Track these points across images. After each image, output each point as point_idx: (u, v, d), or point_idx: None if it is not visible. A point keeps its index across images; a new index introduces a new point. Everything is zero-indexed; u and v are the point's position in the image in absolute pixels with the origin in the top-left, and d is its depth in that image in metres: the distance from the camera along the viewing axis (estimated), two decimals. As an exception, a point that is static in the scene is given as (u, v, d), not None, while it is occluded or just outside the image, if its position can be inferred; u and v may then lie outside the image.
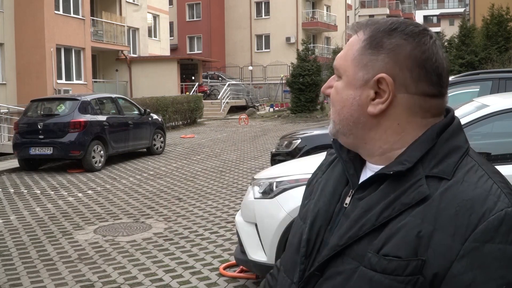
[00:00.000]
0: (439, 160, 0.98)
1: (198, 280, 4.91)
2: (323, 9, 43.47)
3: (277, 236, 4.15)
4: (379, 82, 1.00)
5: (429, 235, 0.91)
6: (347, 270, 0.99)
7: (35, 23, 20.68)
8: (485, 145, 4.41)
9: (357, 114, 1.03)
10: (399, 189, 0.97)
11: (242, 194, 8.38)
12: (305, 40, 27.44)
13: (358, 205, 1.03)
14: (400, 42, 1.00)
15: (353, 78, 1.03)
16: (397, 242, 0.94)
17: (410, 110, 1.01)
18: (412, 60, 0.99)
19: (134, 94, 26.55)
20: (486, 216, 0.89)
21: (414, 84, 0.99)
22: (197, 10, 42.34)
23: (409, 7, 71.85)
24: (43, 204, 8.35)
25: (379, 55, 1.00)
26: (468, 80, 7.74)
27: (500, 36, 21.34)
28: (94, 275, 5.09)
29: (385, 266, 0.94)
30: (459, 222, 0.90)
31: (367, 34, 1.03)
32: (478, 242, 0.88)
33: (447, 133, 1.01)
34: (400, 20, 1.04)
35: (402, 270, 0.92)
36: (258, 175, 4.93)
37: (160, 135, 14.22)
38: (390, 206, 0.97)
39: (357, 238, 0.99)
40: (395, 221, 0.95)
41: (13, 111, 17.12)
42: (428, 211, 0.93)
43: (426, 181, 0.96)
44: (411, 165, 0.98)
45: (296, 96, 25.10)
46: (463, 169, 0.97)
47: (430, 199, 0.94)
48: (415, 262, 0.92)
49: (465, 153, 1.00)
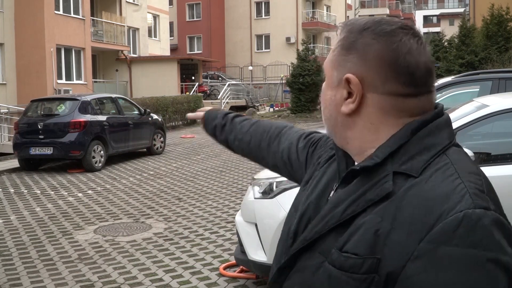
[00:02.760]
0: (410, 157, 0.95)
1: (198, 280, 4.91)
2: (323, 9, 43.46)
3: (277, 236, 4.13)
4: (348, 82, 1.00)
5: (386, 234, 0.89)
6: (313, 265, 1.00)
7: (35, 23, 20.68)
8: (485, 145, 4.40)
9: (335, 114, 1.04)
10: (366, 184, 0.96)
11: (242, 194, 8.39)
12: (305, 40, 27.45)
13: (330, 199, 1.04)
14: (369, 41, 0.99)
15: (330, 79, 1.05)
16: (357, 239, 0.93)
17: (382, 110, 0.99)
18: (379, 59, 0.97)
19: (134, 94, 26.55)
20: (443, 217, 0.85)
21: (382, 84, 0.98)
22: (197, 10, 42.34)
23: (409, 7, 71.84)
24: (43, 204, 8.35)
25: (349, 55, 1.01)
26: (468, 80, 7.74)
27: (500, 36, 21.32)
28: (94, 275, 5.09)
29: (343, 263, 0.93)
30: (416, 222, 0.87)
31: (342, 35, 1.04)
32: (433, 243, 0.84)
33: (425, 131, 0.98)
34: (376, 20, 1.02)
35: (358, 268, 0.91)
36: (258, 175, 4.93)
37: (160, 135, 14.22)
38: (355, 202, 0.96)
39: (324, 233, 0.99)
40: (359, 218, 0.94)
41: (13, 111, 17.11)
42: (388, 209, 0.91)
43: (393, 178, 0.94)
44: (379, 160, 0.96)
45: (296, 96, 25.11)
46: (433, 168, 0.93)
47: (393, 197, 0.92)
48: (371, 261, 0.90)
49: (440, 151, 0.96)
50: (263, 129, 1.58)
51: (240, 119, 1.68)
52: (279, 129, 1.55)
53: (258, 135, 1.58)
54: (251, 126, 1.62)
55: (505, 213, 0.92)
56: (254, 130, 1.60)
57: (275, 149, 1.50)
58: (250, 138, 1.60)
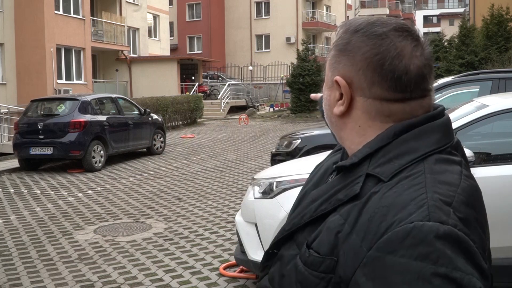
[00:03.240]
0: (386, 160, 0.93)
1: (198, 280, 4.91)
2: (323, 9, 43.45)
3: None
4: (337, 84, 1.00)
5: (345, 237, 0.89)
6: (289, 256, 1.02)
7: (35, 23, 20.68)
8: (485, 145, 4.41)
9: (330, 114, 1.05)
10: (341, 183, 0.97)
11: (242, 194, 8.39)
12: (305, 40, 27.47)
13: (311, 193, 1.06)
14: (359, 44, 0.98)
15: (326, 79, 1.06)
16: (321, 238, 0.94)
17: (368, 113, 0.98)
18: (366, 63, 0.96)
19: (134, 94, 26.56)
20: (393, 227, 0.83)
21: (368, 88, 0.96)
22: (197, 10, 42.34)
23: (409, 7, 71.84)
24: (43, 204, 8.35)
25: (342, 56, 1.00)
26: (468, 80, 7.74)
27: (500, 36, 21.32)
28: (94, 275, 5.09)
29: (306, 259, 0.95)
30: (370, 228, 0.86)
31: (338, 35, 1.04)
32: (380, 252, 0.83)
33: (410, 134, 0.95)
34: (370, 21, 0.99)
35: (317, 266, 0.93)
36: (258, 175, 4.93)
37: (160, 135, 14.22)
38: (328, 200, 0.97)
39: (301, 226, 1.01)
40: (330, 216, 0.95)
41: (13, 111, 17.12)
42: (352, 212, 0.91)
43: (366, 180, 0.93)
44: (356, 160, 0.96)
45: (296, 96, 25.12)
46: (403, 174, 0.91)
47: (358, 200, 0.91)
48: (329, 261, 0.91)
49: (420, 157, 0.92)
50: None
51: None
52: None
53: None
54: None
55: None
56: None
57: None
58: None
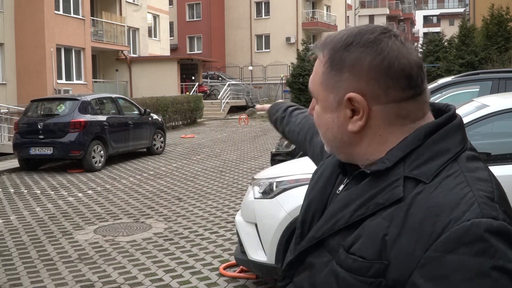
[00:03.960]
0: (422, 162, 0.95)
1: (198, 280, 4.91)
2: (323, 9, 43.46)
3: (277, 236, 4.15)
4: (351, 101, 0.98)
5: (394, 239, 0.89)
6: (321, 263, 1.00)
7: (35, 23, 20.68)
8: (485, 145, 4.41)
9: (339, 135, 1.02)
10: (376, 188, 0.96)
11: (242, 194, 8.39)
12: (305, 40, 27.50)
13: (339, 198, 1.04)
14: (359, 55, 0.97)
15: (326, 102, 1.02)
16: (364, 242, 0.93)
17: (387, 119, 0.98)
18: (375, 71, 0.96)
19: (134, 94, 26.55)
20: (450, 226, 0.85)
21: (385, 94, 0.97)
22: (197, 10, 42.33)
23: (409, 7, 71.83)
24: (43, 204, 8.35)
25: (342, 74, 0.98)
26: (468, 80, 7.73)
27: (500, 36, 21.31)
28: (94, 275, 5.09)
29: (350, 265, 0.94)
30: (424, 229, 0.87)
31: (326, 56, 1.01)
32: (439, 252, 0.84)
33: (438, 135, 0.97)
34: (354, 31, 1.00)
35: (365, 271, 0.91)
36: (258, 175, 4.93)
37: (160, 135, 14.22)
38: (365, 204, 0.96)
39: (332, 233, 1.00)
40: (368, 220, 0.94)
41: (13, 111, 17.12)
42: (397, 214, 0.91)
43: (404, 182, 0.93)
44: (391, 164, 0.96)
45: (296, 96, 25.14)
46: (443, 174, 0.93)
47: (402, 202, 0.92)
48: (378, 265, 0.90)
49: (453, 157, 0.95)
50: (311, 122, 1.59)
51: (297, 112, 1.77)
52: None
53: (305, 127, 1.64)
54: (303, 119, 1.70)
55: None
56: (304, 122, 1.68)
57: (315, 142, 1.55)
58: (299, 130, 1.68)
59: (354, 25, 5.02)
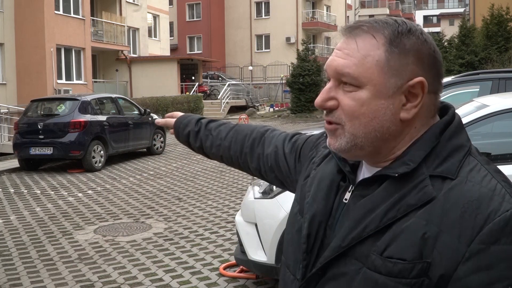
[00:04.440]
0: (442, 159, 0.96)
1: (198, 280, 4.91)
2: (323, 9, 43.46)
3: (277, 236, 4.15)
4: (412, 87, 0.96)
5: (435, 237, 0.90)
6: (350, 271, 0.98)
7: (35, 23, 20.68)
8: (485, 145, 4.41)
9: (388, 124, 0.97)
10: (403, 189, 0.95)
11: (242, 194, 8.39)
12: (305, 40, 27.48)
13: (360, 204, 1.00)
14: (419, 42, 0.98)
15: (383, 87, 0.96)
16: (401, 244, 0.92)
17: (428, 109, 1.00)
18: (432, 58, 0.99)
19: (134, 94, 26.55)
20: (491, 217, 0.88)
21: (432, 83, 0.98)
22: (197, 10, 42.34)
23: (409, 7, 71.86)
24: (43, 204, 8.35)
25: (408, 57, 0.96)
26: (468, 80, 7.73)
27: (500, 36, 21.32)
28: (94, 275, 5.09)
29: (391, 269, 0.92)
30: (465, 224, 0.89)
31: (388, 36, 0.97)
32: (484, 244, 0.87)
33: (449, 132, 0.99)
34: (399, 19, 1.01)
35: (408, 273, 0.91)
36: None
37: (160, 135, 14.22)
38: (395, 206, 0.95)
39: (360, 240, 0.97)
40: (399, 222, 0.94)
41: (13, 111, 17.11)
42: (433, 212, 0.91)
43: (430, 181, 0.94)
44: (415, 165, 0.96)
45: (296, 96, 25.12)
46: (466, 168, 0.95)
47: (435, 200, 0.92)
48: (421, 265, 0.90)
49: (468, 151, 0.98)
50: (244, 134, 1.52)
51: (216, 124, 1.62)
52: (261, 132, 1.50)
53: (239, 140, 1.52)
54: (230, 131, 1.56)
55: None
56: (234, 135, 1.55)
57: (259, 153, 1.45)
58: (230, 144, 1.54)
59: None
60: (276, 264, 4.15)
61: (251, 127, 1.55)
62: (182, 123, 1.67)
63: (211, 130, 1.60)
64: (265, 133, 1.49)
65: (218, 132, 1.58)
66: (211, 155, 1.62)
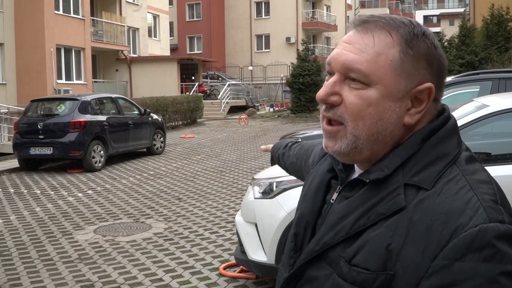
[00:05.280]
0: (421, 168, 0.92)
1: (198, 280, 4.91)
2: (323, 9, 43.48)
3: (277, 236, 4.15)
4: (420, 92, 0.93)
5: (399, 249, 0.86)
6: (321, 276, 0.97)
7: (35, 23, 20.68)
8: (485, 145, 4.40)
9: (391, 127, 0.94)
10: (376, 196, 0.93)
11: (242, 194, 8.39)
12: (305, 40, 27.48)
13: (337, 208, 0.99)
14: (431, 48, 0.95)
15: (394, 89, 0.93)
16: (367, 253, 0.90)
17: (429, 116, 0.97)
18: (440, 67, 0.96)
19: (134, 94, 26.56)
20: (458, 232, 0.83)
21: (437, 92, 0.96)
22: (197, 10, 42.34)
23: (409, 7, 71.84)
24: (43, 204, 8.35)
25: (420, 62, 0.93)
26: (468, 80, 7.73)
27: (500, 36, 21.33)
28: (94, 275, 5.09)
29: (355, 278, 0.90)
30: (431, 237, 0.84)
31: (404, 36, 0.93)
32: (448, 259, 0.82)
33: (436, 138, 0.94)
34: (413, 20, 0.98)
35: (371, 283, 0.88)
36: (258, 175, 4.93)
37: (160, 135, 14.22)
38: (366, 214, 0.92)
39: (332, 245, 0.96)
40: (369, 231, 0.91)
41: (13, 111, 17.12)
42: (400, 223, 0.88)
43: (404, 189, 0.90)
44: (389, 172, 0.93)
45: (296, 96, 25.13)
46: (444, 179, 0.90)
47: (404, 210, 0.89)
48: (384, 276, 0.87)
49: (452, 161, 0.93)
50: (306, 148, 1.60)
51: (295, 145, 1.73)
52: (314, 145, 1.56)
53: (301, 155, 1.61)
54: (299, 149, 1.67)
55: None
56: (299, 150, 1.66)
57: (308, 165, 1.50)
58: (296, 160, 1.65)
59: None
60: (276, 264, 4.15)
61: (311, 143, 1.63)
62: (275, 148, 1.86)
63: (290, 151, 1.73)
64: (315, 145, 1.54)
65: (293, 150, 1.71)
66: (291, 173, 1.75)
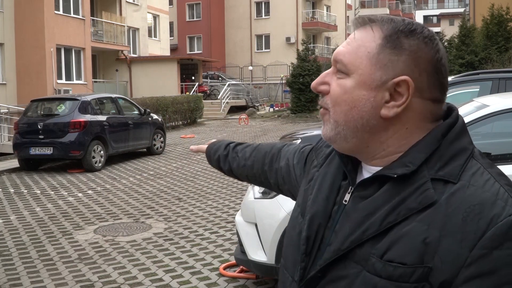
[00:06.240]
0: (444, 163, 0.95)
1: (198, 280, 4.91)
2: (323, 9, 43.48)
3: (277, 236, 4.15)
4: (397, 85, 0.96)
5: (436, 242, 0.89)
6: (350, 275, 0.97)
7: (35, 23, 20.68)
8: (485, 145, 4.41)
9: (367, 116, 0.98)
10: (404, 192, 0.94)
11: (242, 194, 8.39)
12: (305, 40, 27.49)
13: (360, 206, 1.00)
14: (421, 45, 0.97)
15: (368, 78, 0.97)
16: (402, 248, 0.92)
17: (421, 115, 0.98)
18: (432, 65, 0.97)
19: (134, 94, 26.56)
20: (494, 222, 0.87)
21: (429, 90, 0.97)
22: (197, 10, 42.35)
23: (409, 7, 71.85)
24: (43, 204, 8.35)
25: (401, 55, 0.96)
26: (468, 80, 7.74)
27: (500, 36, 21.33)
28: (94, 275, 5.09)
29: (391, 273, 0.92)
30: (467, 228, 0.88)
31: (386, 32, 0.98)
32: (486, 249, 0.86)
33: (452, 134, 0.98)
34: (411, 21, 1.01)
35: (408, 277, 0.90)
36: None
37: (160, 135, 14.22)
38: (395, 210, 0.94)
39: (360, 242, 0.97)
40: (399, 226, 0.93)
41: (13, 111, 17.12)
42: (434, 216, 0.90)
43: (431, 184, 0.93)
44: (415, 167, 0.95)
45: (296, 96, 25.13)
46: (468, 172, 0.94)
47: (436, 204, 0.91)
48: (421, 269, 0.90)
49: (470, 155, 0.97)
50: (265, 151, 1.56)
51: (242, 147, 1.66)
52: (278, 148, 1.53)
53: (260, 158, 1.56)
54: (253, 151, 1.60)
55: None
56: (256, 154, 1.59)
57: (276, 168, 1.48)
58: (252, 163, 1.58)
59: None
60: (276, 264, 4.15)
61: (271, 144, 1.59)
62: (212, 149, 1.74)
63: (237, 152, 1.64)
64: (282, 148, 1.52)
65: (243, 153, 1.62)
66: (239, 176, 1.67)
